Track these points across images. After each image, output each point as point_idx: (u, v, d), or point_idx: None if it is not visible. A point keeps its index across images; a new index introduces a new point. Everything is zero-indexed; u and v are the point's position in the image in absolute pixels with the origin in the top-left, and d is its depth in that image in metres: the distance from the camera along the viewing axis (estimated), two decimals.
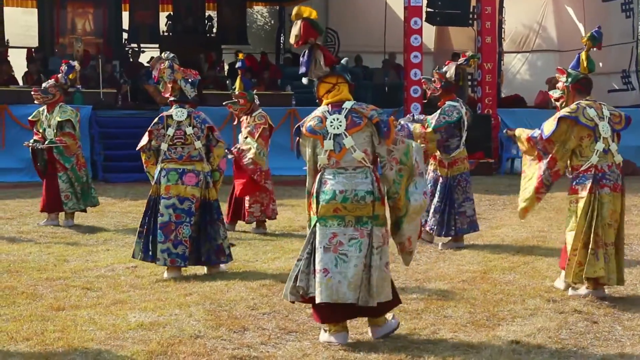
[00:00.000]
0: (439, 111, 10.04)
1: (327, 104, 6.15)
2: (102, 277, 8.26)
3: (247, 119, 11.09)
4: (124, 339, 6.12)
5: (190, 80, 8.52)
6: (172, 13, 22.74)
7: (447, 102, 10.05)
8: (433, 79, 10.18)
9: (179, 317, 6.71)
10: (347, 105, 6.10)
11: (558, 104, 7.88)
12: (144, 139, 8.47)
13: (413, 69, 18.75)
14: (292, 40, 6.08)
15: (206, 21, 23.02)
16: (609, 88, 21.44)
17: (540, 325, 6.54)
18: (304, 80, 6.25)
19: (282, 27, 25.58)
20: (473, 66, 10.26)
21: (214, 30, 23.16)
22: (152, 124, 8.46)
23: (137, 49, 21.93)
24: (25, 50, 20.80)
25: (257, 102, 11.25)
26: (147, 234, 8.33)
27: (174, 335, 6.20)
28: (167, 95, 8.56)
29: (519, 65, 25.43)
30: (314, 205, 6.08)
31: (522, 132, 7.86)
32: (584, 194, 7.40)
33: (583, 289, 7.50)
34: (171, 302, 7.17)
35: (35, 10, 21.97)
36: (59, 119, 11.50)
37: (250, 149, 10.66)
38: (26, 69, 19.68)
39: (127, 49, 22.04)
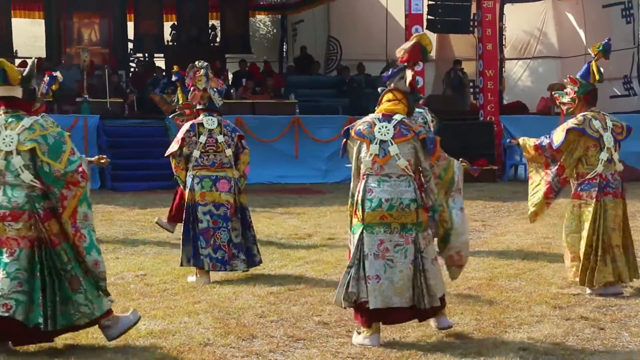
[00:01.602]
0: None
1: (380, 112, 6.38)
2: (112, 285, 8.27)
3: None
4: (134, 346, 6.17)
5: (218, 89, 8.73)
6: (176, 23, 22.83)
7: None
8: None
9: (188, 324, 6.76)
10: (397, 117, 6.33)
11: (564, 107, 8.11)
12: (174, 146, 8.64)
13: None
14: (399, 53, 6.46)
15: (210, 31, 23.09)
16: (610, 94, 21.45)
17: (547, 332, 6.57)
18: (380, 89, 6.55)
19: (285, 35, 25.64)
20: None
21: (218, 39, 23.24)
22: (184, 131, 8.62)
23: (142, 59, 22.04)
24: (35, 60, 20.84)
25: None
26: (192, 241, 8.53)
27: (183, 343, 6.25)
28: (195, 102, 8.77)
29: (521, 72, 25.45)
30: (359, 212, 6.22)
31: (526, 141, 8.17)
32: (590, 201, 7.79)
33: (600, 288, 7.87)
34: (180, 310, 7.23)
35: (43, 21, 22.06)
36: None
37: None
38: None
39: (132, 58, 22.12)
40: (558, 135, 7.87)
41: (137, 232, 11.77)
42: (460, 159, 6.77)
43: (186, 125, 8.70)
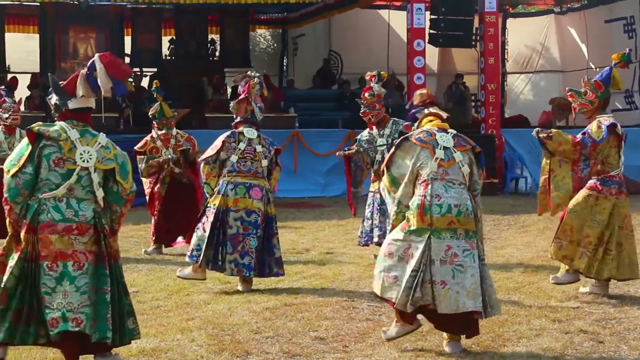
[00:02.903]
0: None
1: (433, 126, 6.57)
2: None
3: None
4: None
5: (259, 104, 8.89)
6: (174, 37, 22.75)
7: (391, 119, 10.53)
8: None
9: (181, 342, 6.66)
10: (452, 130, 6.56)
11: (577, 106, 8.28)
12: (210, 151, 8.72)
13: (416, 90, 18.71)
14: (419, 97, 7.35)
15: (209, 45, 23.03)
16: (612, 108, 21.33)
17: (545, 346, 6.52)
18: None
19: (285, 49, 25.63)
20: (385, 78, 10.80)
21: (217, 53, 23.19)
22: (225, 136, 8.73)
23: (139, 73, 21.98)
24: (30, 75, 20.83)
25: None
26: (217, 245, 8.54)
27: None
28: (239, 115, 8.85)
29: (522, 86, 25.46)
30: (427, 217, 6.25)
31: (561, 133, 8.28)
32: (610, 197, 8.08)
33: (589, 287, 8.19)
34: (173, 327, 7.12)
35: (37, 35, 22.01)
36: None
37: None
38: (28, 94, 19.72)
39: None
40: (597, 132, 8.02)
41: (130, 248, 11.61)
42: None
43: (226, 133, 8.81)
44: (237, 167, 8.67)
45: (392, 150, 6.57)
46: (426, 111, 6.80)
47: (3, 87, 12.42)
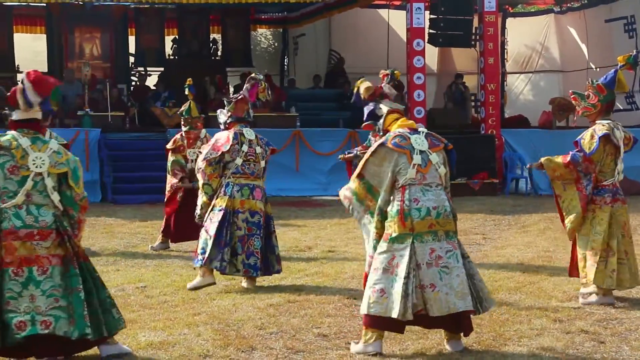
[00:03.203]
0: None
1: (403, 127, 6.51)
2: (113, 297, 8.27)
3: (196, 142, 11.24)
4: (134, 358, 6.18)
5: (251, 102, 8.96)
6: (177, 37, 22.87)
7: None
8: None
9: (187, 336, 6.76)
10: (423, 129, 6.55)
11: (580, 109, 8.22)
12: (213, 151, 8.64)
13: (416, 90, 18.80)
14: (366, 91, 7.08)
15: (211, 44, 23.13)
16: (613, 108, 21.47)
17: (546, 346, 6.56)
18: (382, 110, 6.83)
19: (286, 49, 25.67)
20: (398, 77, 10.55)
21: (219, 53, 23.27)
22: (231, 138, 8.67)
23: (143, 73, 22.09)
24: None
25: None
26: (224, 247, 8.55)
27: (182, 355, 6.26)
28: (238, 115, 8.82)
29: (522, 86, 25.47)
30: (407, 222, 6.25)
31: (550, 160, 8.18)
32: (605, 206, 7.97)
33: (594, 297, 7.95)
34: (180, 322, 7.22)
35: (44, 36, 22.13)
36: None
37: None
38: None
39: (133, 72, 22.17)
40: (589, 144, 7.93)
41: (138, 244, 11.77)
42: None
43: (227, 133, 8.72)
44: (241, 169, 8.70)
45: (367, 156, 6.47)
46: (384, 108, 6.71)
47: None
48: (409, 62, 18.93)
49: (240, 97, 8.89)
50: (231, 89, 21.46)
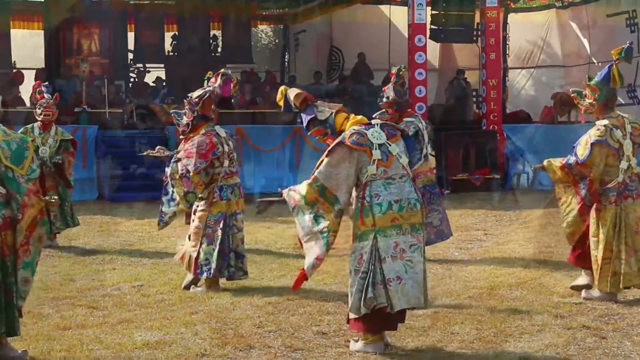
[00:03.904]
0: None
1: (356, 124, 6.37)
2: (108, 296, 8.25)
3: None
4: (130, 358, 6.13)
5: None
6: (177, 33, 22.80)
7: (404, 119, 9.98)
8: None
9: (184, 335, 6.70)
10: (376, 122, 6.42)
11: (582, 107, 8.21)
12: (201, 159, 8.26)
13: (418, 86, 18.75)
14: (298, 97, 6.66)
15: (211, 41, 23.07)
16: (615, 102, 21.39)
17: (548, 342, 6.52)
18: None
19: (287, 45, 25.62)
20: (403, 75, 10.39)
21: (219, 49, 23.21)
22: (212, 143, 8.35)
23: (142, 69, 22.03)
24: (34, 71, 20.86)
25: None
26: (229, 252, 8.47)
27: (179, 354, 6.20)
28: (207, 113, 8.50)
29: (524, 81, 25.40)
30: (368, 219, 6.17)
31: (552, 162, 8.23)
32: (610, 206, 7.89)
33: (597, 292, 7.92)
34: (177, 321, 7.16)
35: (42, 32, 22.05)
36: (64, 138, 11.36)
37: None
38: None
39: (132, 69, 22.13)
40: (582, 150, 7.92)
41: (135, 242, 11.70)
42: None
43: (209, 138, 8.38)
44: (228, 170, 8.54)
45: (324, 156, 6.29)
46: (327, 110, 6.54)
47: (46, 83, 12.37)
48: (411, 58, 18.88)
49: (208, 95, 8.49)
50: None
